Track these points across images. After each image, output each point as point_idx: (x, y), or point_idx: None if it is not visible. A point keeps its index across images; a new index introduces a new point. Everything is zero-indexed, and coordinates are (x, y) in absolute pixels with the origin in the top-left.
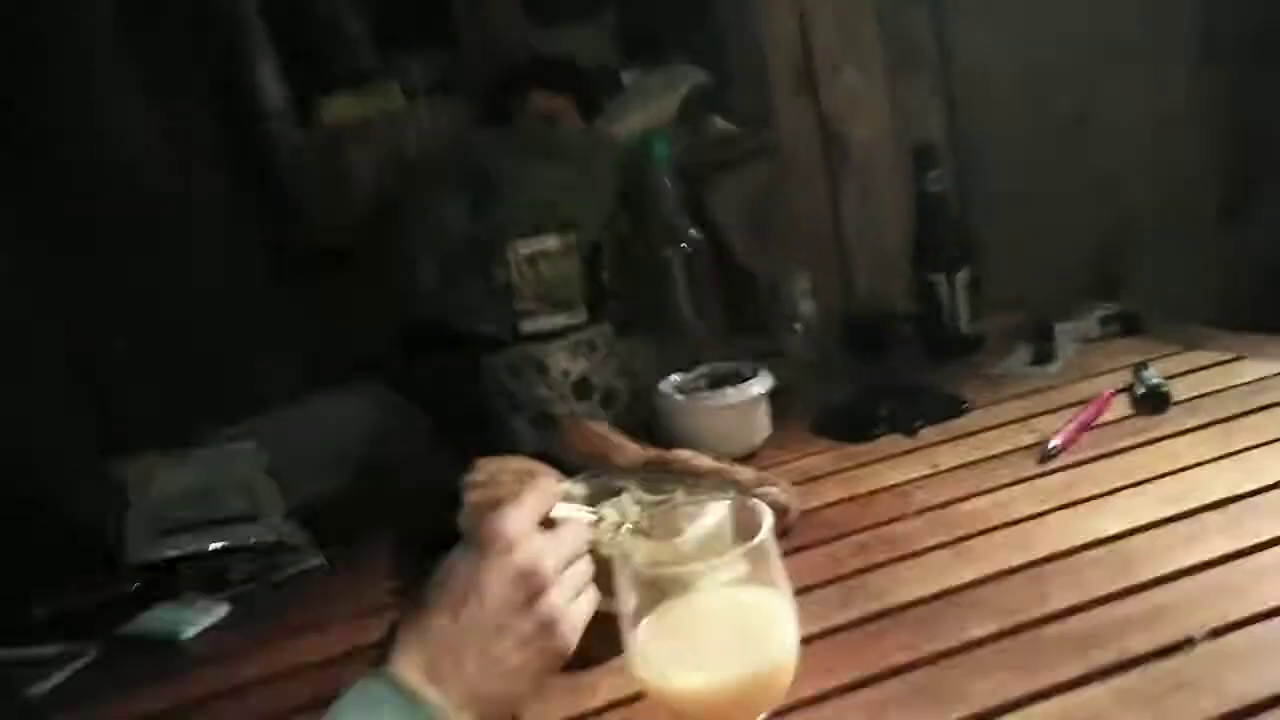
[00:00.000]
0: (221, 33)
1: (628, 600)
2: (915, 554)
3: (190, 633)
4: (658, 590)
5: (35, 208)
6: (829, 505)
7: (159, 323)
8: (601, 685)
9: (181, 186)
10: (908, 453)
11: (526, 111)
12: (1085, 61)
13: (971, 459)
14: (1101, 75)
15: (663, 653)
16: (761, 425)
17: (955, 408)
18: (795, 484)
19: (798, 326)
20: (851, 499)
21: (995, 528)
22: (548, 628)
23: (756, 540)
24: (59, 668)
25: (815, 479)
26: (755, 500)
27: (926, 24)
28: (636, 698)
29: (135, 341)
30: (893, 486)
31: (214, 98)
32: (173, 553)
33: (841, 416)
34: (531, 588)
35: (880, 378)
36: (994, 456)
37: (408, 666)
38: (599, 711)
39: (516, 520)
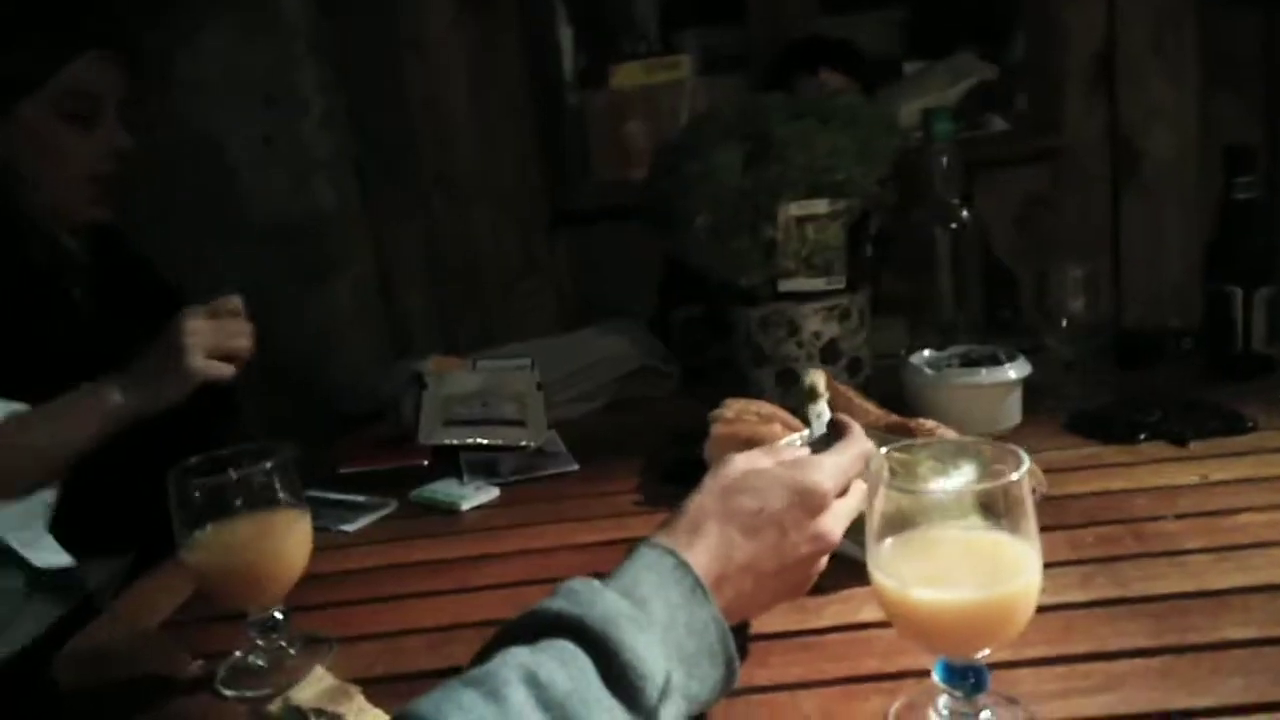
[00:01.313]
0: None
1: (877, 514)
2: (1172, 553)
3: (466, 506)
4: (905, 515)
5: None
6: (1077, 495)
7: (450, 250)
8: (827, 610)
9: (486, 134)
10: (1173, 460)
11: (811, 86)
12: None
13: (1250, 475)
14: None
15: (905, 567)
16: (1011, 411)
17: (1236, 425)
18: (1042, 471)
19: (1063, 323)
20: (1104, 494)
21: (1275, 543)
22: (814, 573)
23: (1011, 478)
24: (367, 514)
25: (1064, 470)
26: (1009, 450)
27: (1254, 34)
28: (860, 625)
29: (429, 267)
30: (1152, 489)
31: (520, 58)
32: (455, 441)
33: (1102, 418)
34: (822, 546)
35: (1149, 389)
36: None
37: (700, 561)
38: (821, 632)
39: (834, 478)
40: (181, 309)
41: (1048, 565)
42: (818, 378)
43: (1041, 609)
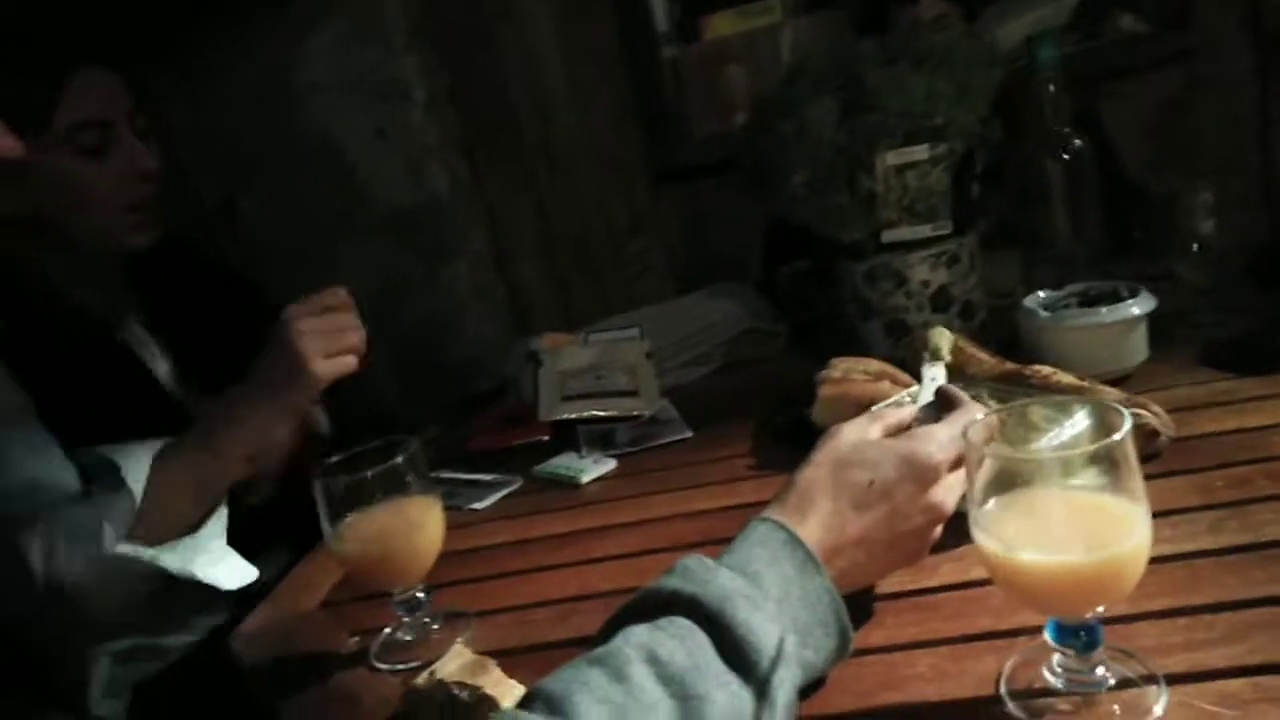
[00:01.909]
0: None
1: (979, 476)
2: None
3: (586, 478)
4: (1010, 475)
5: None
6: (1208, 435)
7: (559, 219)
8: (941, 569)
9: (584, 100)
10: None
11: (909, 17)
12: None
13: None
14: None
15: (1009, 529)
16: (1136, 349)
17: None
18: (1170, 411)
19: (1195, 247)
20: (1238, 431)
21: None
22: (928, 542)
23: (1114, 438)
24: (494, 491)
25: (1195, 408)
26: (1119, 406)
27: None
28: (973, 584)
29: (541, 239)
30: None
31: (610, 15)
32: (571, 415)
33: (1237, 347)
34: (935, 517)
35: None
36: None
37: (812, 535)
38: (935, 590)
39: (946, 450)
40: (284, 310)
41: (1173, 513)
42: (942, 339)
43: (1164, 559)
